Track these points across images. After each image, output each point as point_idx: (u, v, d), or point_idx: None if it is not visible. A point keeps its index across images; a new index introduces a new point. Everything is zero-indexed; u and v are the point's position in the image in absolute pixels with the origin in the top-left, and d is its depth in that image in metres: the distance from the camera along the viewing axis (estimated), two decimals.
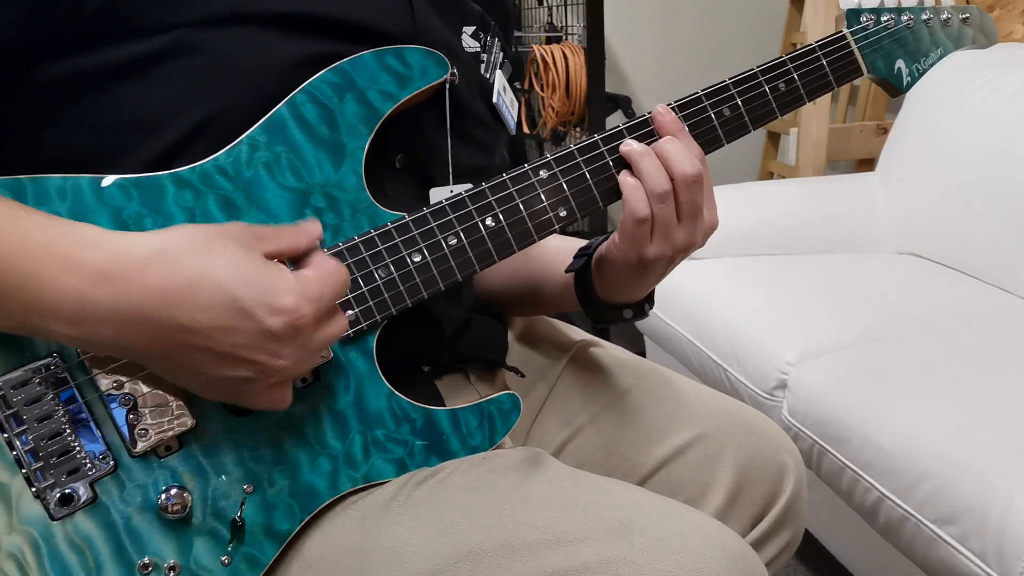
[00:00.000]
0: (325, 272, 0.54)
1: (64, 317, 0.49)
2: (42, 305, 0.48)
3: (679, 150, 0.66)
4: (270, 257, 0.53)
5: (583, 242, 0.79)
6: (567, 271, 0.78)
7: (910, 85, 0.78)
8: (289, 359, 0.53)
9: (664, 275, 0.71)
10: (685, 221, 0.67)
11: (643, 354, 1.89)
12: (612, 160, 0.68)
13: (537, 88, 2.26)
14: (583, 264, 0.76)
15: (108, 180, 0.57)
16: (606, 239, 0.74)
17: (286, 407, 0.57)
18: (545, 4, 2.37)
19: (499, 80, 0.76)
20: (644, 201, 0.66)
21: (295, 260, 0.56)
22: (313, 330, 0.54)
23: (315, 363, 0.58)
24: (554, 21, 2.35)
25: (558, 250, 0.81)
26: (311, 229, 0.57)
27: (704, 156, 0.68)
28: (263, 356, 0.52)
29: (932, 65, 0.78)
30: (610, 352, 0.89)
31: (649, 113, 0.69)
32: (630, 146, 0.67)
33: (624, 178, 0.67)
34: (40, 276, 0.48)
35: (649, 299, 0.77)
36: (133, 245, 0.50)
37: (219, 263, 0.50)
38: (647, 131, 0.69)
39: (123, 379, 0.56)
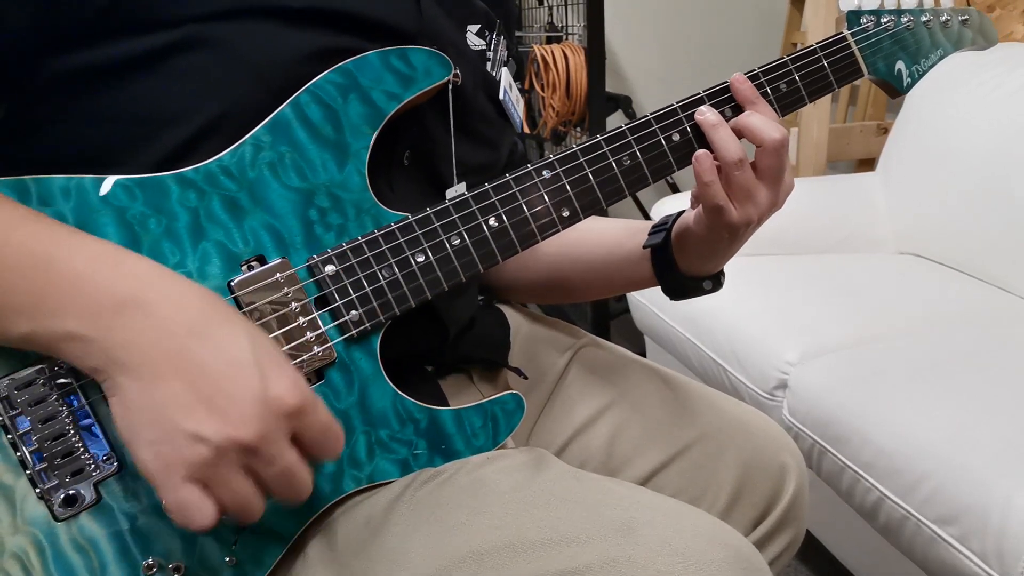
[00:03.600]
0: (331, 417, 0.54)
1: (90, 314, 0.49)
2: (78, 301, 0.49)
3: (761, 119, 0.68)
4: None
5: (636, 221, 0.81)
6: (645, 246, 0.78)
7: (910, 86, 0.78)
8: (253, 436, 0.49)
9: (749, 237, 0.73)
10: (769, 184, 0.69)
11: (643, 354, 1.89)
12: (614, 160, 0.68)
13: (537, 88, 2.26)
14: (663, 239, 0.76)
15: (112, 181, 0.57)
16: (681, 213, 0.75)
17: (199, 525, 0.49)
18: (545, 4, 2.37)
19: (505, 77, 0.76)
20: (720, 193, 0.67)
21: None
22: (288, 442, 0.51)
23: (246, 496, 0.51)
24: (554, 21, 2.35)
25: (627, 228, 0.82)
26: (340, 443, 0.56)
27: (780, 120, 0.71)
28: (235, 416, 0.49)
29: (932, 66, 0.79)
30: (611, 352, 0.89)
31: (648, 114, 0.69)
32: (704, 115, 0.68)
33: (700, 166, 0.68)
34: (87, 275, 0.50)
35: (721, 272, 0.78)
36: (177, 274, 0.53)
37: (246, 323, 0.52)
38: (647, 131, 0.69)
39: None
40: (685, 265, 0.76)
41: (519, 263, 0.87)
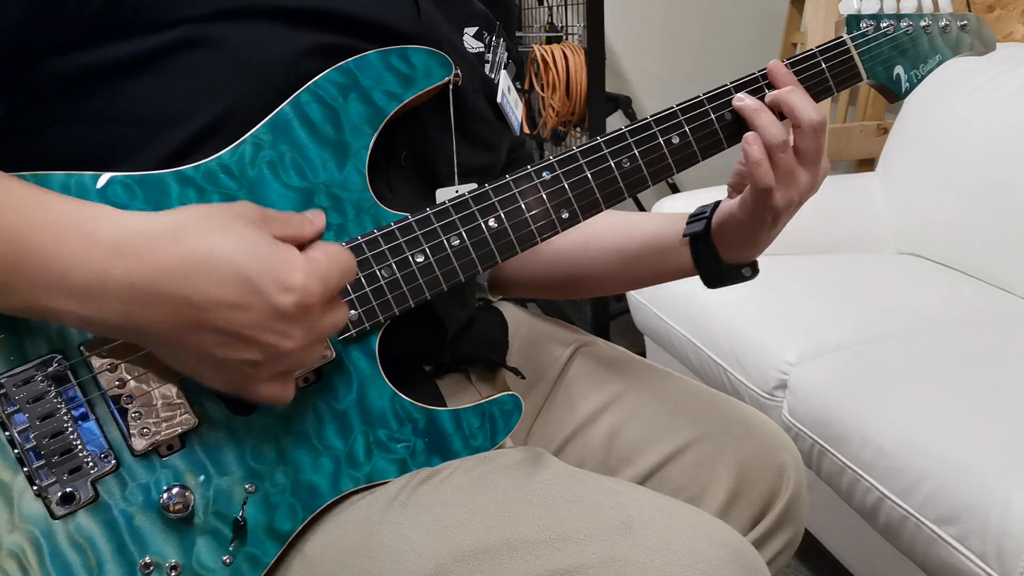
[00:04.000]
0: (332, 253, 0.54)
1: (75, 293, 0.49)
2: (54, 280, 0.48)
3: (802, 99, 0.69)
4: (277, 239, 0.53)
5: (671, 214, 0.81)
6: (686, 235, 0.78)
7: (908, 91, 0.78)
8: (297, 341, 0.52)
9: (788, 221, 0.73)
10: (809, 165, 0.69)
11: (643, 354, 1.89)
12: (614, 163, 0.68)
13: (537, 88, 2.26)
14: (704, 227, 0.76)
15: (110, 177, 0.57)
16: (717, 203, 0.76)
17: (288, 402, 0.56)
18: (545, 4, 2.37)
19: (504, 80, 0.76)
20: (769, 173, 0.68)
21: (300, 246, 0.55)
22: (321, 312, 0.53)
23: (319, 354, 0.57)
24: (554, 21, 2.35)
25: (663, 219, 0.82)
26: (316, 220, 0.57)
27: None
28: (272, 336, 0.51)
29: (930, 71, 0.79)
30: (610, 352, 0.89)
31: (650, 116, 0.69)
32: (744, 102, 0.69)
33: (749, 147, 0.69)
34: (54, 251, 0.48)
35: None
36: (145, 222, 0.50)
37: (229, 241, 0.50)
38: (647, 133, 0.69)
39: (126, 377, 0.56)
40: (726, 252, 0.76)
41: (540, 259, 0.87)
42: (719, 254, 0.76)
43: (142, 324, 0.50)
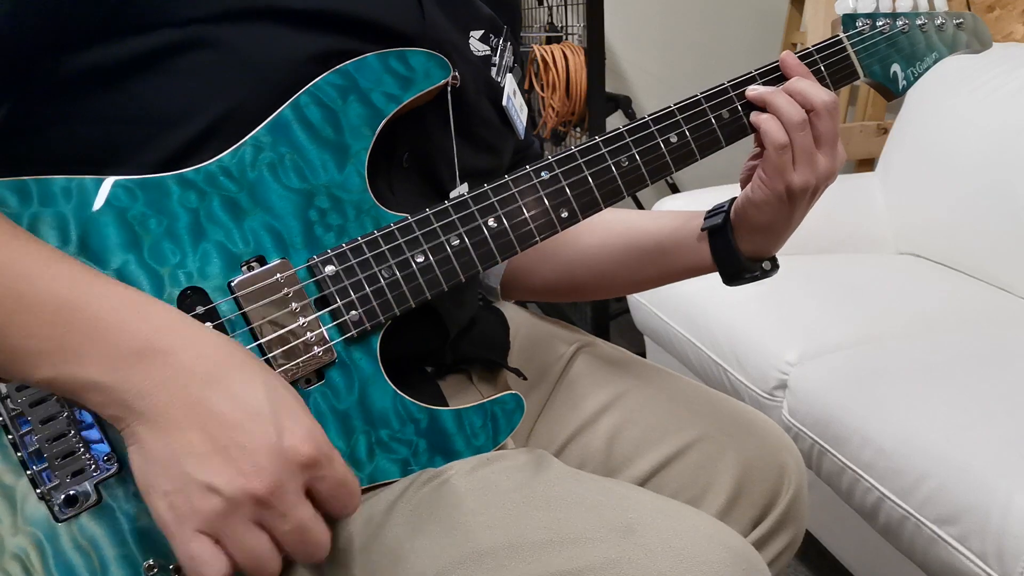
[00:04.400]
0: (347, 470, 0.54)
1: (114, 361, 0.49)
2: (101, 347, 0.49)
3: (811, 84, 0.70)
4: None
5: (686, 211, 0.81)
6: (704, 228, 0.78)
7: (905, 89, 0.78)
8: (266, 488, 0.49)
9: (807, 210, 0.74)
10: (826, 148, 0.70)
11: (643, 354, 1.89)
12: (613, 162, 0.68)
13: (537, 88, 2.26)
14: (723, 220, 0.76)
15: (112, 181, 0.57)
16: (734, 198, 0.76)
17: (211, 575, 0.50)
18: (545, 4, 2.37)
19: (509, 84, 0.76)
20: (781, 130, 0.68)
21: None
22: (302, 495, 0.51)
23: (260, 549, 0.50)
24: (554, 21, 2.35)
25: (678, 216, 0.82)
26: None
27: None
28: (250, 468, 0.49)
29: (927, 69, 0.79)
30: (610, 352, 0.89)
31: (648, 115, 0.68)
32: (757, 90, 0.70)
33: (756, 116, 0.70)
34: (110, 321, 0.50)
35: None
36: (191, 319, 0.53)
37: (264, 371, 0.52)
38: (645, 132, 0.69)
39: None
40: (745, 246, 0.76)
41: (560, 261, 0.87)
42: (738, 248, 0.76)
43: (156, 402, 0.50)
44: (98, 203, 0.56)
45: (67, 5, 0.55)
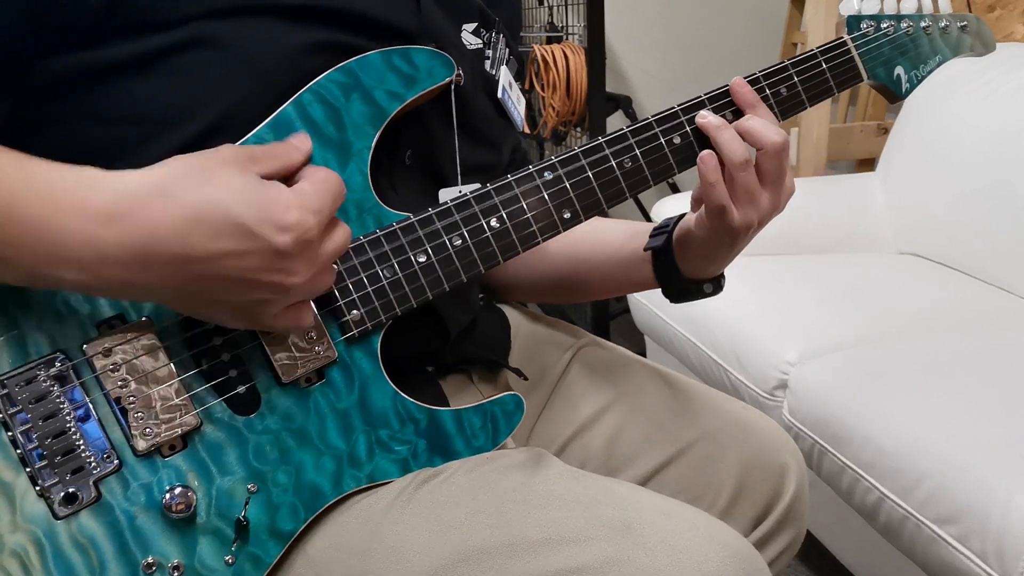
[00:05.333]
0: (320, 181, 0.55)
1: (74, 263, 0.49)
2: (52, 251, 0.48)
3: (762, 123, 0.68)
4: (266, 177, 0.53)
5: (638, 223, 0.80)
6: (647, 249, 0.78)
7: (908, 92, 0.78)
8: (302, 274, 0.53)
9: (750, 241, 0.73)
10: (770, 187, 0.69)
11: (644, 354, 1.89)
12: (616, 163, 0.68)
13: (538, 88, 2.26)
14: (664, 242, 0.76)
15: None
16: (682, 216, 0.75)
17: (308, 325, 0.58)
18: (546, 4, 2.37)
19: (504, 76, 0.76)
20: (723, 192, 0.67)
21: (291, 176, 0.56)
22: (320, 242, 0.54)
23: (329, 280, 0.57)
24: (555, 21, 2.35)
25: (629, 230, 0.82)
26: (302, 144, 0.58)
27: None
28: (277, 276, 0.52)
29: (930, 72, 0.79)
30: (611, 352, 0.89)
31: (651, 116, 0.68)
32: (706, 119, 0.68)
33: (704, 166, 0.68)
34: (47, 222, 0.48)
35: (722, 275, 0.78)
36: (133, 183, 0.50)
37: (220, 190, 0.50)
38: (649, 133, 0.69)
39: (128, 377, 0.56)
40: (686, 268, 0.76)
41: (526, 263, 0.87)
42: (679, 269, 0.76)
43: (146, 286, 0.51)
44: None
45: (65, 4, 0.55)
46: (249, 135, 0.59)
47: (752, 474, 0.78)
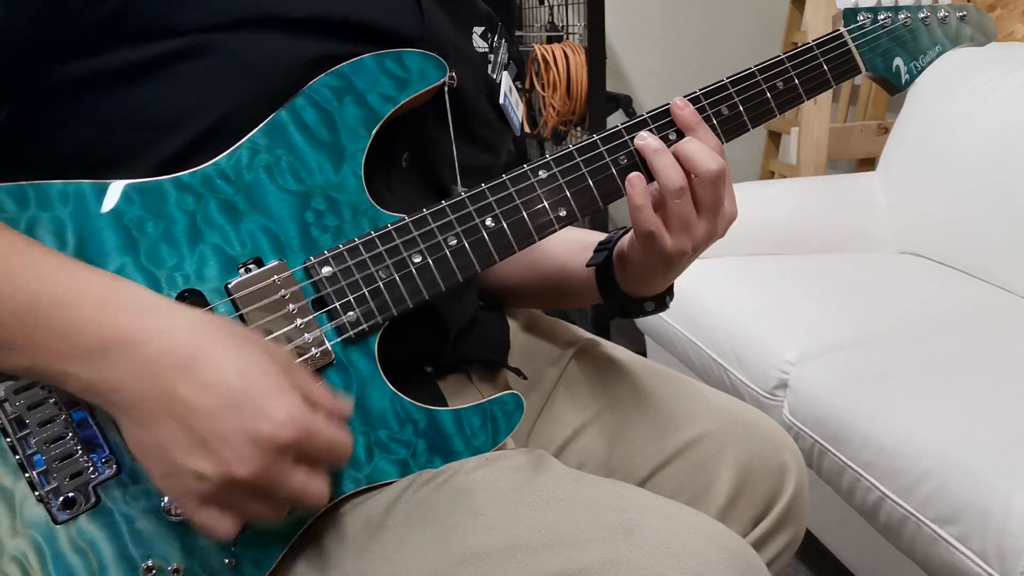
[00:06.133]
0: (333, 425, 0.53)
1: (82, 356, 0.50)
2: (66, 345, 0.50)
3: (699, 148, 0.66)
4: (300, 390, 0.53)
5: (602, 235, 0.79)
6: (588, 265, 0.78)
7: (908, 83, 0.78)
8: (251, 473, 0.50)
9: (687, 266, 0.71)
10: (706, 215, 0.67)
11: (644, 353, 1.89)
12: (611, 160, 0.68)
13: (538, 87, 2.26)
14: (604, 258, 0.76)
15: (109, 185, 0.57)
16: (627, 231, 0.74)
17: (223, 538, 0.52)
18: (546, 3, 2.37)
19: (505, 81, 0.76)
20: (651, 218, 0.65)
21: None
22: (293, 464, 0.51)
23: (271, 515, 0.53)
24: (555, 20, 2.35)
25: (580, 242, 0.81)
26: (343, 403, 0.57)
27: (722, 148, 0.68)
28: (230, 455, 0.49)
29: (931, 62, 0.79)
30: (611, 352, 0.89)
31: (649, 112, 0.68)
32: (645, 140, 0.67)
33: (632, 189, 0.65)
34: (74, 315, 0.50)
35: (669, 291, 0.77)
36: (168, 307, 0.53)
37: (237, 356, 0.51)
38: (646, 129, 0.68)
39: None
40: (626, 285, 0.75)
41: (493, 270, 0.87)
42: (618, 286, 0.75)
43: (130, 398, 0.50)
44: (95, 207, 0.56)
45: (68, 10, 0.55)
46: (243, 140, 0.60)
47: (752, 473, 0.78)
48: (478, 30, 0.74)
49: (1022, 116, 1.57)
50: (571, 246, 0.82)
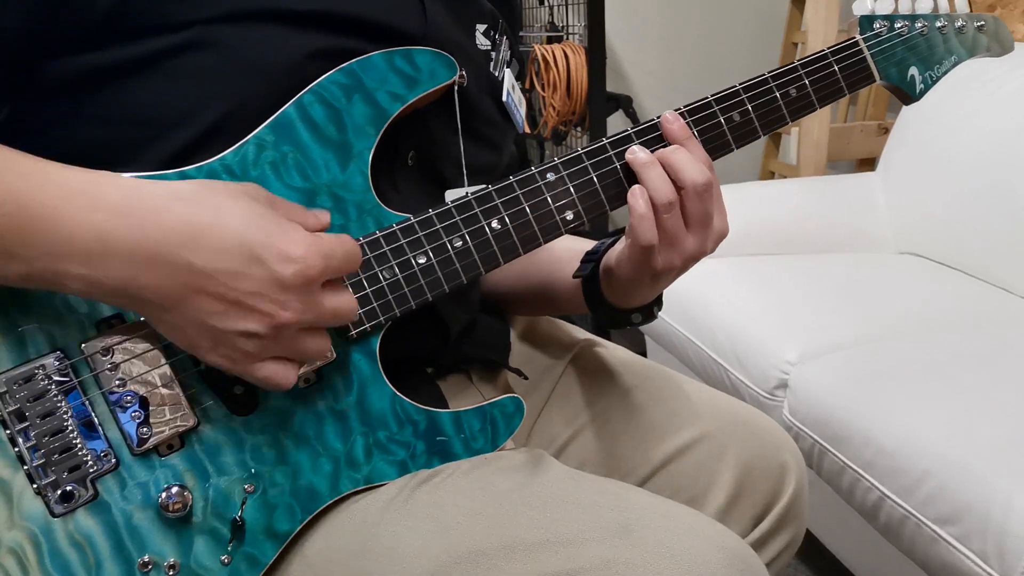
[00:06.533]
0: (338, 238, 0.55)
1: (80, 255, 0.49)
2: (61, 241, 0.49)
3: (686, 159, 0.65)
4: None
5: (592, 243, 0.79)
6: (575, 276, 0.77)
7: (923, 92, 0.77)
8: (296, 313, 0.52)
9: (673, 281, 0.71)
10: (695, 229, 0.66)
11: (644, 354, 1.89)
12: (620, 165, 0.67)
13: (538, 87, 2.26)
14: (591, 269, 0.76)
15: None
16: (614, 242, 0.73)
17: (286, 388, 0.56)
18: (546, 3, 2.37)
19: (508, 78, 0.76)
20: (652, 230, 0.65)
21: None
22: (322, 292, 0.54)
23: (321, 345, 0.56)
24: (555, 20, 2.35)
25: (568, 252, 0.81)
26: (321, 216, 0.59)
27: (712, 163, 0.68)
28: (270, 306, 0.51)
29: (946, 73, 0.77)
30: (611, 352, 0.89)
31: (658, 118, 0.68)
32: (635, 154, 0.66)
33: (634, 199, 0.65)
34: (60, 212, 0.49)
35: (658, 302, 0.76)
36: (151, 186, 0.52)
37: (235, 209, 0.51)
38: (655, 136, 0.68)
39: (127, 377, 0.56)
40: (613, 297, 0.74)
41: (491, 276, 0.86)
42: (604, 297, 0.75)
43: (144, 287, 0.50)
44: None
45: (67, 9, 0.55)
46: (250, 136, 0.59)
47: (752, 473, 0.78)
48: (480, 28, 0.73)
49: (1022, 116, 1.57)
50: (561, 255, 0.81)
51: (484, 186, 0.65)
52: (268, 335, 0.52)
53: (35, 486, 0.54)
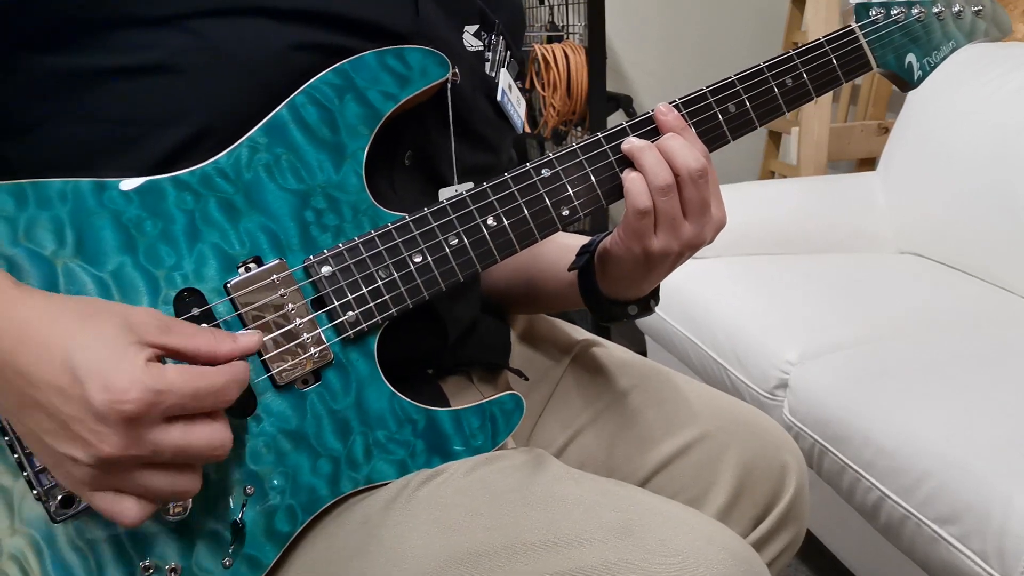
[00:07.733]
0: (190, 371, 0.50)
1: None
2: None
3: (682, 145, 0.65)
4: (167, 353, 0.51)
5: (585, 239, 0.79)
6: (570, 269, 0.77)
7: (921, 79, 0.76)
8: (117, 448, 0.47)
9: (670, 270, 0.70)
10: (692, 216, 0.66)
11: (644, 354, 1.89)
12: (616, 159, 0.67)
13: (538, 87, 2.26)
14: (586, 261, 0.75)
15: (108, 184, 0.57)
16: (608, 235, 0.73)
17: (129, 525, 0.50)
18: (546, 3, 2.37)
19: (504, 78, 0.76)
20: (646, 193, 0.65)
21: (196, 361, 0.52)
22: (164, 426, 0.49)
23: (167, 484, 0.51)
24: (555, 20, 2.34)
25: (561, 247, 0.81)
26: (243, 339, 0.54)
27: (708, 153, 0.68)
28: (90, 436, 0.47)
29: (944, 58, 0.77)
30: (612, 352, 0.89)
31: (652, 111, 0.68)
32: (631, 143, 0.66)
33: (627, 173, 0.66)
34: None
35: (654, 295, 0.76)
36: (18, 290, 0.50)
37: (76, 327, 0.48)
38: (651, 128, 0.68)
39: None
40: (608, 288, 0.74)
41: (488, 275, 0.86)
42: (599, 288, 0.75)
43: None
44: (94, 206, 0.56)
45: (52, 4, 0.55)
46: (243, 138, 0.59)
47: (753, 473, 0.78)
48: (470, 28, 0.73)
49: (1022, 116, 1.57)
50: (554, 250, 0.81)
51: (479, 184, 0.65)
52: (96, 465, 0.48)
53: (35, 492, 0.54)
